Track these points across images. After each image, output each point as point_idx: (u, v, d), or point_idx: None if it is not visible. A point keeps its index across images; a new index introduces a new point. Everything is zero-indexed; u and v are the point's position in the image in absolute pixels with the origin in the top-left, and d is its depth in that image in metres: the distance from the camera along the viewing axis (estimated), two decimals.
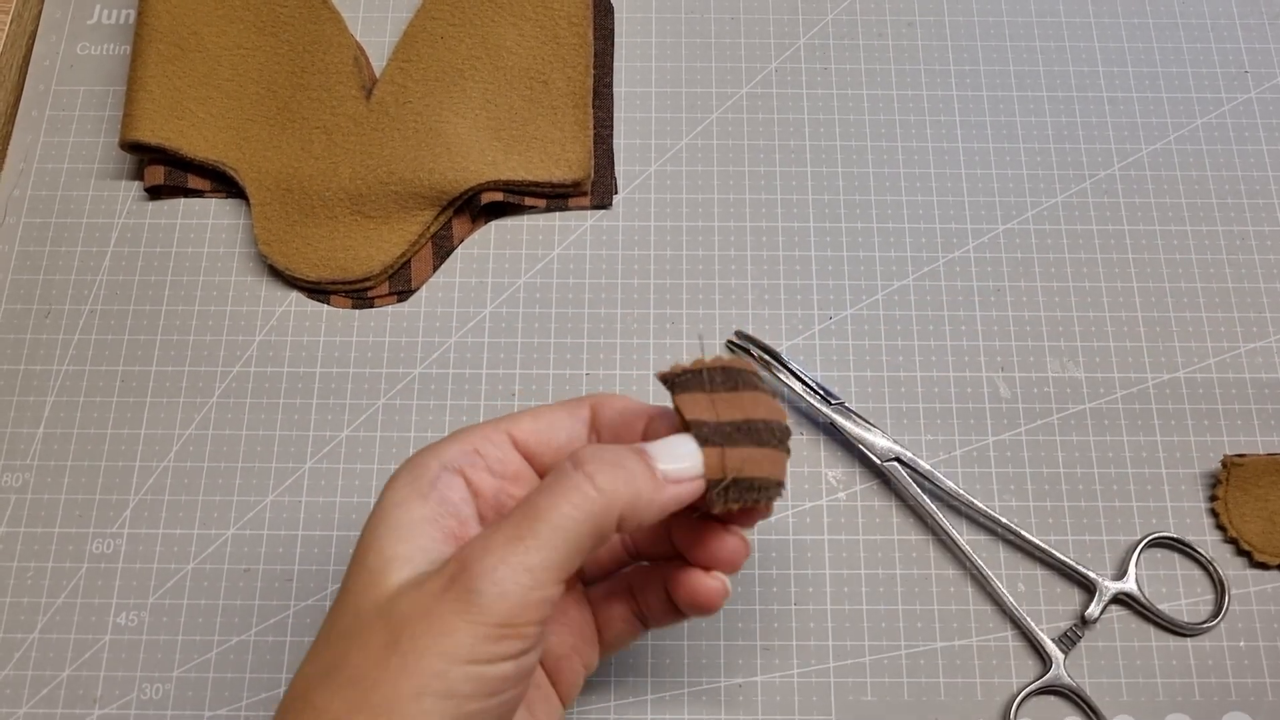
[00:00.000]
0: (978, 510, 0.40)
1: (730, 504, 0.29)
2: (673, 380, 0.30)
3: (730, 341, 0.43)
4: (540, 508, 0.26)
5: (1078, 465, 0.41)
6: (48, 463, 0.41)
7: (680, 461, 0.28)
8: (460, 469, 0.29)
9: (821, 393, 0.41)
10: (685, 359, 0.43)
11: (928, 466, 0.40)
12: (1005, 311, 0.44)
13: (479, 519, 0.29)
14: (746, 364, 0.30)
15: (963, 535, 0.40)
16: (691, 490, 0.28)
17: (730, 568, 0.30)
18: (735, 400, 0.29)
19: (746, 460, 0.29)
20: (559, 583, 0.26)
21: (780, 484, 0.30)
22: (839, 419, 0.41)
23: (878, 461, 0.40)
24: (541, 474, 0.31)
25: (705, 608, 0.30)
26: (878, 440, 0.41)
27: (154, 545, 0.40)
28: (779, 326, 0.43)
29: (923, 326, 0.43)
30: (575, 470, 0.27)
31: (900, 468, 0.40)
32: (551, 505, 0.26)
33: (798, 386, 0.41)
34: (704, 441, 0.29)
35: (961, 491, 0.40)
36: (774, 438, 0.30)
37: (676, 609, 0.31)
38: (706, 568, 0.30)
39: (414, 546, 0.27)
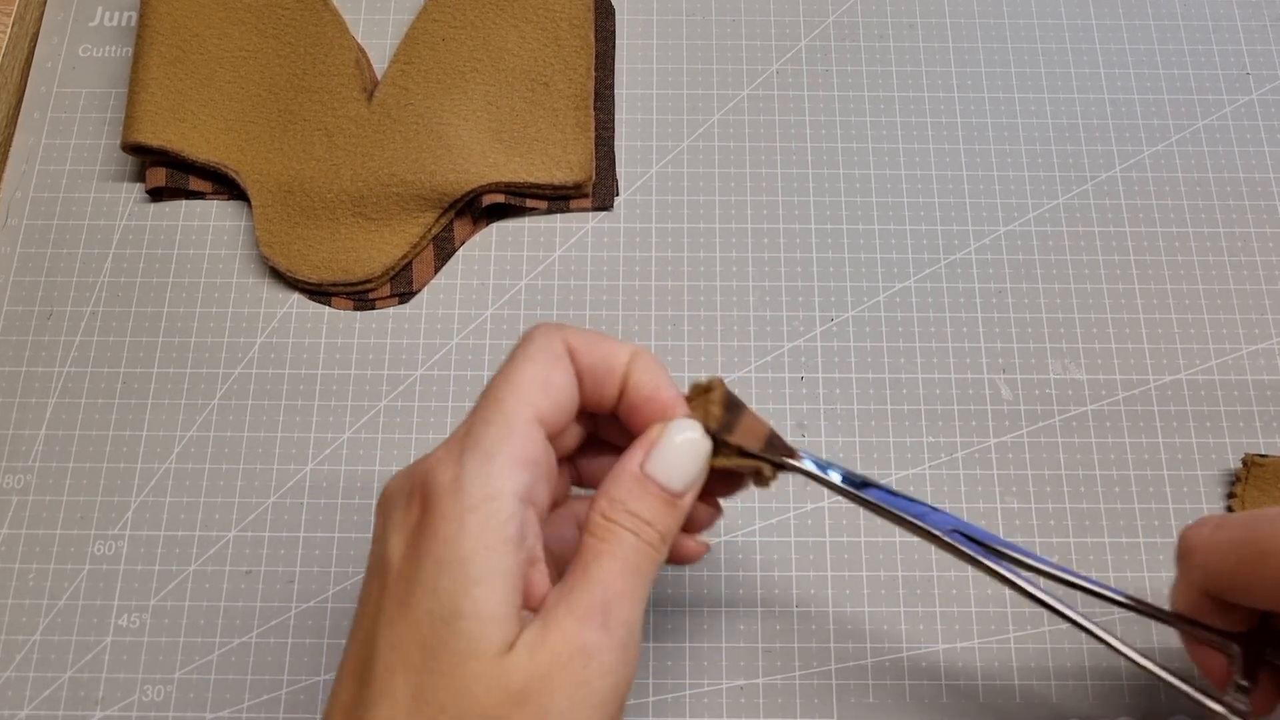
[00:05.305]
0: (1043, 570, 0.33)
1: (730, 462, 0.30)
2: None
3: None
4: (612, 578, 0.27)
5: (1079, 467, 0.41)
6: (49, 464, 0.41)
7: (689, 464, 0.29)
8: (529, 498, 0.27)
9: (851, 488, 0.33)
10: (685, 357, 0.43)
11: (987, 531, 0.33)
12: (1007, 313, 0.44)
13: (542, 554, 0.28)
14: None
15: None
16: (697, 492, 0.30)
17: (704, 529, 0.32)
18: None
19: (746, 432, 0.30)
20: None
21: (767, 466, 0.30)
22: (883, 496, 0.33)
23: (939, 535, 0.32)
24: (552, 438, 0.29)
25: (686, 563, 0.32)
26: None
27: (155, 547, 0.40)
28: (780, 328, 0.43)
29: (924, 328, 0.43)
30: (641, 541, 0.28)
31: (963, 539, 0.32)
32: (635, 573, 0.27)
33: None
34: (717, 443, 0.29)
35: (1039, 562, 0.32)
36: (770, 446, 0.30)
37: None
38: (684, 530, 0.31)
39: (509, 603, 0.26)
